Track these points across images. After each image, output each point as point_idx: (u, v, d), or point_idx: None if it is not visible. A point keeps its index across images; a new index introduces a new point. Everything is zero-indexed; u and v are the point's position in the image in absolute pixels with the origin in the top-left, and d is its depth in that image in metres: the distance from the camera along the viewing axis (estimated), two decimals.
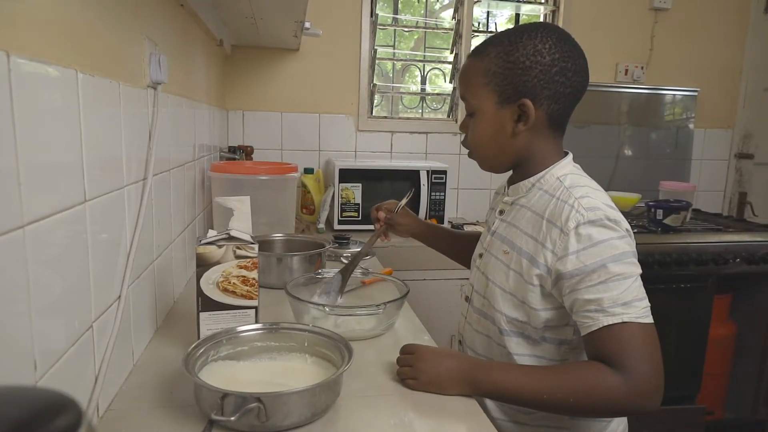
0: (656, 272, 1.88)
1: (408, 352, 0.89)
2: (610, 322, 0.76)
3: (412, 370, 0.86)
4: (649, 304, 0.79)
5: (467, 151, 0.97)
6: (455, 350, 0.93)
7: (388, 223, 1.26)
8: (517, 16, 2.67)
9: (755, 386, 2.16)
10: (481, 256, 1.00)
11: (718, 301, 2.04)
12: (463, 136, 0.97)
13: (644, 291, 0.79)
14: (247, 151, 2.17)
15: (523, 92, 0.85)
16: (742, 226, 2.24)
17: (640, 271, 0.80)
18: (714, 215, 2.46)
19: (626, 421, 0.95)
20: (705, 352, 2.01)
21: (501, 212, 0.97)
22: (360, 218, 2.10)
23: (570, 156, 0.92)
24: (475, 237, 1.26)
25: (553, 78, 0.84)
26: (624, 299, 0.76)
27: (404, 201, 1.27)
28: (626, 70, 2.61)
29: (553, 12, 2.56)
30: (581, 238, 0.79)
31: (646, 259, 1.84)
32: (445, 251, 1.31)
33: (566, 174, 0.88)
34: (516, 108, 0.86)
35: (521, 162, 0.92)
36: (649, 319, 0.77)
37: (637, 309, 0.76)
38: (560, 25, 2.52)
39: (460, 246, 1.26)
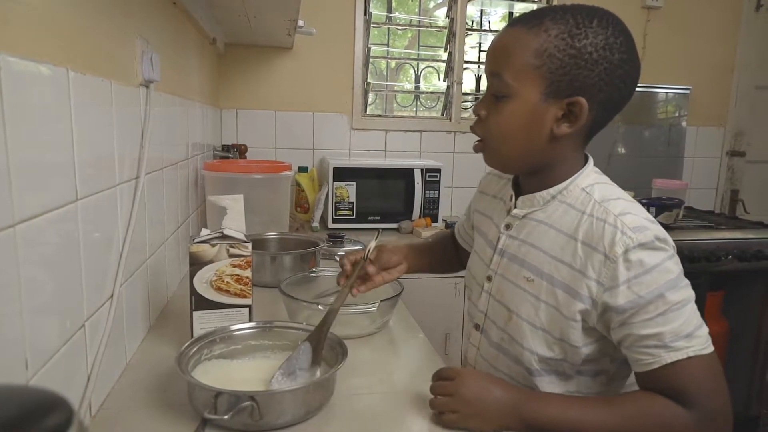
0: None
1: (446, 377, 0.76)
2: (675, 359, 0.68)
3: (453, 401, 0.73)
4: (707, 329, 0.71)
5: (475, 139, 0.81)
6: (497, 377, 0.80)
7: (365, 273, 0.98)
8: (511, 14, 2.68)
9: (748, 382, 2.18)
10: (489, 279, 0.86)
11: (710, 298, 2.05)
12: (475, 119, 0.80)
13: (699, 314, 0.71)
14: (240, 150, 2.17)
15: (579, 89, 0.71)
16: (734, 223, 2.26)
17: (693, 293, 0.71)
18: (706, 213, 2.47)
19: None
20: None
21: (508, 227, 0.84)
22: (354, 217, 2.10)
23: (591, 161, 0.80)
24: (441, 238, 1.19)
25: (613, 81, 0.71)
26: (686, 331, 0.68)
27: (373, 243, 1.00)
28: None
29: None
30: (632, 265, 0.69)
31: None
32: (429, 270, 1.16)
33: (592, 184, 0.77)
34: (564, 105, 0.72)
35: (541, 169, 0.79)
36: (712, 348, 0.70)
37: (701, 339, 0.69)
38: None
39: (437, 259, 1.16)
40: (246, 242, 0.95)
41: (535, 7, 2.59)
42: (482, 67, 2.50)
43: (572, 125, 0.73)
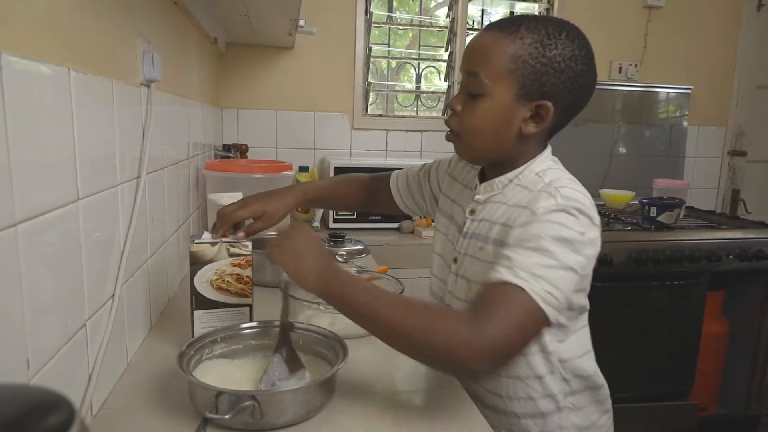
0: (650, 269, 1.89)
1: (288, 235, 0.83)
2: (509, 280, 0.68)
3: (284, 239, 0.81)
4: (561, 302, 0.70)
5: (447, 130, 0.87)
6: (330, 255, 0.83)
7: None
8: (512, 14, 2.68)
9: (748, 382, 2.17)
10: (455, 260, 0.92)
11: (711, 298, 2.05)
12: (449, 113, 0.86)
13: (568, 290, 0.71)
14: (241, 150, 2.17)
15: (547, 94, 0.78)
16: (735, 223, 2.25)
17: (576, 272, 0.71)
18: (707, 212, 2.47)
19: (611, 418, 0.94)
20: (698, 349, 2.02)
21: (472, 212, 0.90)
22: (355, 217, 2.10)
23: (549, 149, 0.87)
24: (347, 182, 1.20)
25: (575, 89, 0.79)
26: (537, 272, 0.69)
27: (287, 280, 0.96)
28: (620, 68, 2.62)
29: (548, 10, 2.57)
30: (542, 216, 0.74)
31: (640, 256, 1.85)
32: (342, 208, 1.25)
33: (545, 169, 0.83)
34: (532, 107, 0.79)
35: (506, 162, 0.86)
36: (550, 311, 0.68)
37: (543, 288, 0.68)
38: None
39: (332, 203, 1.23)
40: (246, 242, 0.95)
41: (536, 6, 2.60)
42: None
43: (538, 126, 0.80)
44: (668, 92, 2.71)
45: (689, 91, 2.71)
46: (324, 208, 1.22)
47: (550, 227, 0.72)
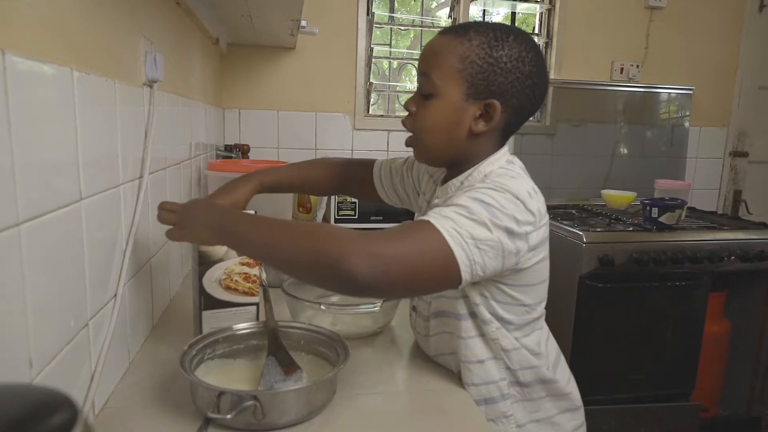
0: (651, 270, 1.89)
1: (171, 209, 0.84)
2: (427, 219, 0.70)
3: (177, 216, 0.81)
4: (468, 245, 0.69)
5: (408, 135, 0.88)
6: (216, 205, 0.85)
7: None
8: (513, 14, 2.67)
9: (750, 383, 2.17)
10: None
11: (713, 299, 2.05)
12: (406, 115, 0.88)
13: (478, 238, 0.70)
14: (243, 150, 2.17)
15: (495, 93, 0.80)
16: (737, 224, 2.25)
17: (490, 231, 0.71)
18: (709, 213, 2.46)
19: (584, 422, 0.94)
20: (700, 350, 2.02)
21: None
22: (357, 217, 2.10)
23: (504, 150, 0.87)
24: (318, 169, 1.16)
25: (524, 90, 0.81)
26: (445, 214, 0.70)
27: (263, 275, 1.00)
28: (622, 69, 2.61)
29: (549, 11, 2.56)
30: (466, 191, 0.75)
31: (641, 257, 1.85)
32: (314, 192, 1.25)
33: (495, 170, 0.83)
34: (481, 106, 0.81)
35: (461, 162, 0.87)
36: (455, 246, 0.68)
37: (450, 226, 0.69)
38: (556, 23, 2.53)
39: (303, 188, 1.19)
40: None
41: (537, 7, 2.59)
42: None
43: (488, 124, 0.82)
44: (670, 93, 2.70)
45: (691, 92, 2.70)
46: (290, 192, 1.18)
47: (471, 192, 0.74)
